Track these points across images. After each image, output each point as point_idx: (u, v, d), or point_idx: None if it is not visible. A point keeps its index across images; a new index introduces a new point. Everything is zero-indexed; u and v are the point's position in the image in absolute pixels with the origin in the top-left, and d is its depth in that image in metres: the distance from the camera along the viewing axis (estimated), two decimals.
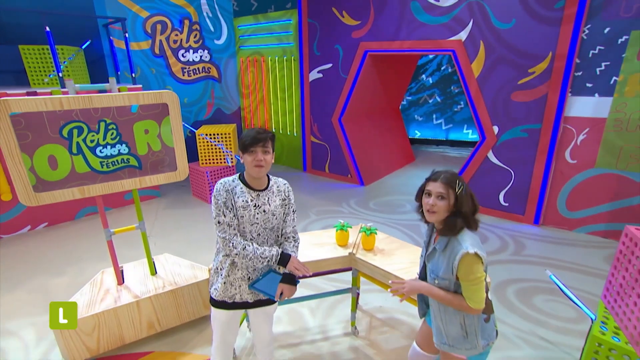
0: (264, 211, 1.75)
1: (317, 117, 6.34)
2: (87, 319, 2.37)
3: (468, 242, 1.42)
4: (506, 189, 4.62)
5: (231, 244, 1.69)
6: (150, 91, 2.38)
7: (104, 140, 2.29)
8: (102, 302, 2.50)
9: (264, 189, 1.79)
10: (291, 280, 1.80)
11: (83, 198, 2.27)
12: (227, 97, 7.30)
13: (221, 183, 1.74)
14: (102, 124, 2.26)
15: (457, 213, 1.44)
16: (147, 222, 4.41)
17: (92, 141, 2.25)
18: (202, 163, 5.39)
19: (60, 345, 2.38)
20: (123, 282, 2.73)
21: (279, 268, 1.87)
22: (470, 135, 8.45)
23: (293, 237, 1.89)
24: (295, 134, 6.80)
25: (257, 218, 1.74)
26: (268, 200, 1.78)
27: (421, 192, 1.57)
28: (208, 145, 5.31)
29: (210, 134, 5.26)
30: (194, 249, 4.00)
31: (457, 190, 1.43)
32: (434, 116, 8.66)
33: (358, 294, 2.86)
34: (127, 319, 2.52)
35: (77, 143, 2.21)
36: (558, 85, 3.96)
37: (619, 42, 3.60)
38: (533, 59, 4.06)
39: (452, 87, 8.34)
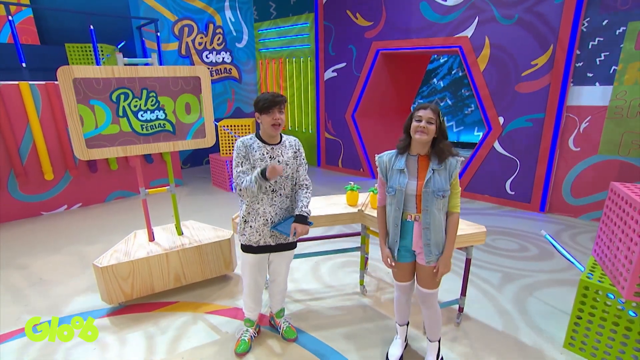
0: (278, 162, 2.05)
1: (331, 114, 6.67)
2: (124, 264, 2.67)
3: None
4: (512, 177, 4.79)
5: (239, 185, 1.98)
6: (186, 65, 2.74)
7: (145, 106, 2.64)
8: (135, 253, 2.81)
9: (277, 144, 2.08)
10: (303, 220, 2.07)
11: (113, 182, 2.57)
12: (246, 96, 7.73)
13: (241, 140, 2.05)
14: (145, 92, 2.61)
15: (443, 137, 1.73)
16: (169, 207, 4.76)
17: (135, 106, 2.61)
18: (223, 153, 5.76)
19: (101, 287, 2.69)
20: (153, 239, 3.04)
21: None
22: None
23: (306, 184, 2.18)
24: (310, 131, 7.13)
25: None
26: (281, 152, 2.07)
27: (410, 122, 1.81)
28: (228, 137, 5.68)
29: (230, 126, 5.63)
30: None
31: (441, 118, 1.73)
32: (445, 119, 8.86)
33: (367, 258, 3.11)
34: (157, 270, 2.82)
35: (123, 107, 2.57)
36: (560, 76, 4.17)
37: (617, 33, 3.82)
38: (535, 51, 4.29)
39: (462, 90, 8.58)
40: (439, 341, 2.16)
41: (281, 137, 2.13)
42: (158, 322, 2.63)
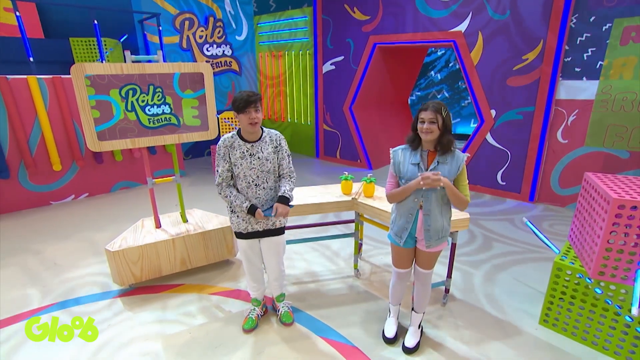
0: (258, 158, 2.17)
1: (329, 106, 6.81)
2: (133, 249, 2.87)
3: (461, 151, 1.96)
4: (503, 168, 4.97)
5: (220, 187, 2.21)
6: (189, 62, 2.90)
7: (152, 100, 2.81)
8: (144, 239, 3.01)
9: (257, 140, 2.19)
10: (285, 201, 2.21)
11: (118, 172, 2.72)
12: (247, 89, 7.86)
13: (222, 140, 2.17)
14: (151, 87, 2.78)
15: (446, 132, 1.88)
16: (172, 197, 4.96)
17: (143, 101, 2.78)
18: None
19: (113, 270, 2.90)
20: (160, 226, 3.24)
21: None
22: None
23: (289, 175, 2.30)
24: (309, 123, 7.29)
25: (253, 164, 2.17)
26: (261, 149, 2.18)
27: (416, 122, 1.96)
28: (229, 129, 5.84)
29: (231, 118, 5.79)
30: None
31: (443, 114, 1.85)
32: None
33: (361, 244, 3.30)
34: (164, 254, 3.02)
35: (132, 102, 2.74)
36: (549, 70, 4.32)
37: (604, 29, 3.96)
38: (526, 46, 4.43)
39: (459, 83, 8.71)
40: (423, 312, 2.37)
41: (263, 132, 2.22)
42: (166, 301, 2.84)
